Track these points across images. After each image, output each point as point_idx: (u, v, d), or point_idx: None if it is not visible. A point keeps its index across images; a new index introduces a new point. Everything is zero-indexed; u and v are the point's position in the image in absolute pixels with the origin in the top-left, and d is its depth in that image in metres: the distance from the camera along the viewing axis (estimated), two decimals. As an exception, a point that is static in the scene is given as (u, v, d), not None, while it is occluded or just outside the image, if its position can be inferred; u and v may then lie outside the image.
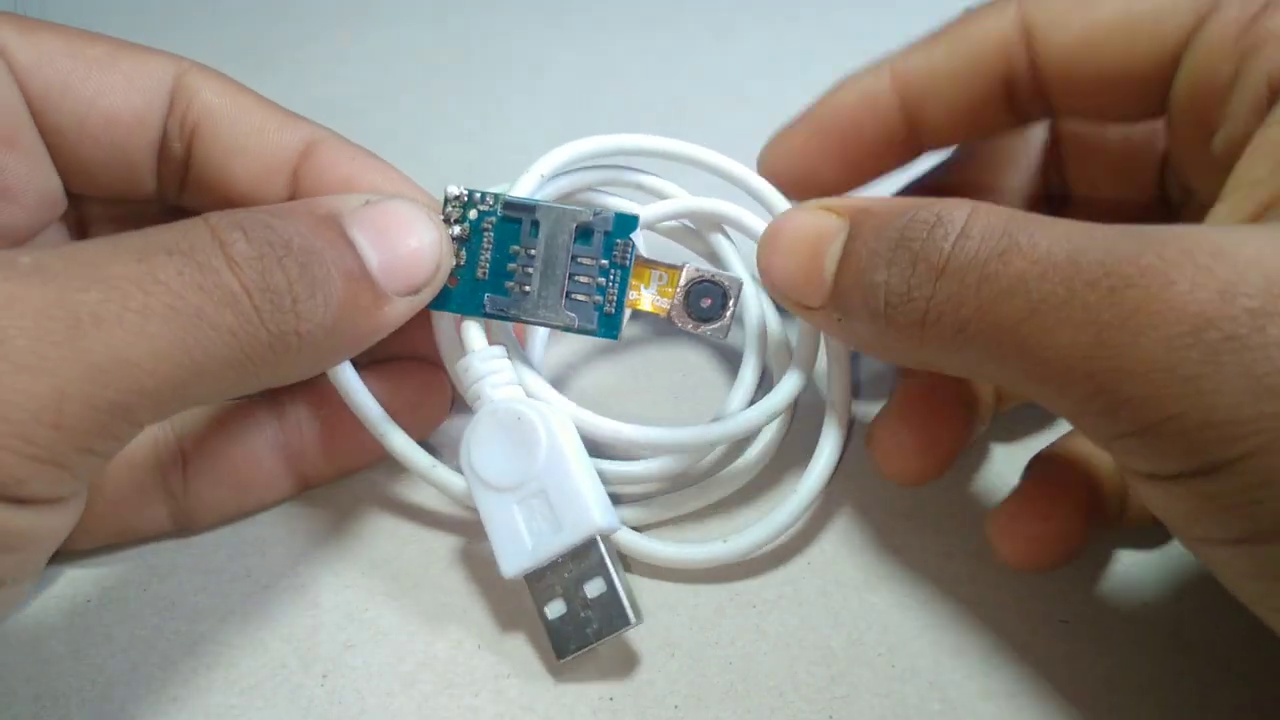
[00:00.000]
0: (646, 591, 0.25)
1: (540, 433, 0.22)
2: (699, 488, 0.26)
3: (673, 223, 0.27)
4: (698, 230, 0.27)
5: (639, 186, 0.27)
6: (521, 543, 0.22)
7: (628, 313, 0.23)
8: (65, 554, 0.25)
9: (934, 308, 0.19)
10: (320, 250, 0.20)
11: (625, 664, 0.23)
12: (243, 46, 0.48)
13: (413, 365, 0.27)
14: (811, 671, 0.23)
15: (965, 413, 0.25)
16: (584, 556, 0.22)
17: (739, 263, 0.27)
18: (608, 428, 0.24)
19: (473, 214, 0.23)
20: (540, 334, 0.28)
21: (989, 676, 0.23)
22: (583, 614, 0.22)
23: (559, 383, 0.30)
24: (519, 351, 0.24)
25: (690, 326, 0.23)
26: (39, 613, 0.24)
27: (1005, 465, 0.27)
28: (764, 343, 0.26)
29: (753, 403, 0.25)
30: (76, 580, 0.25)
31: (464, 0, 0.51)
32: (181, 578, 0.25)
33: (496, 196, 0.23)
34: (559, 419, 0.23)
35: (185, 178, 0.25)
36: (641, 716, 0.22)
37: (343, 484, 0.27)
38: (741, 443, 0.26)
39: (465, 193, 0.23)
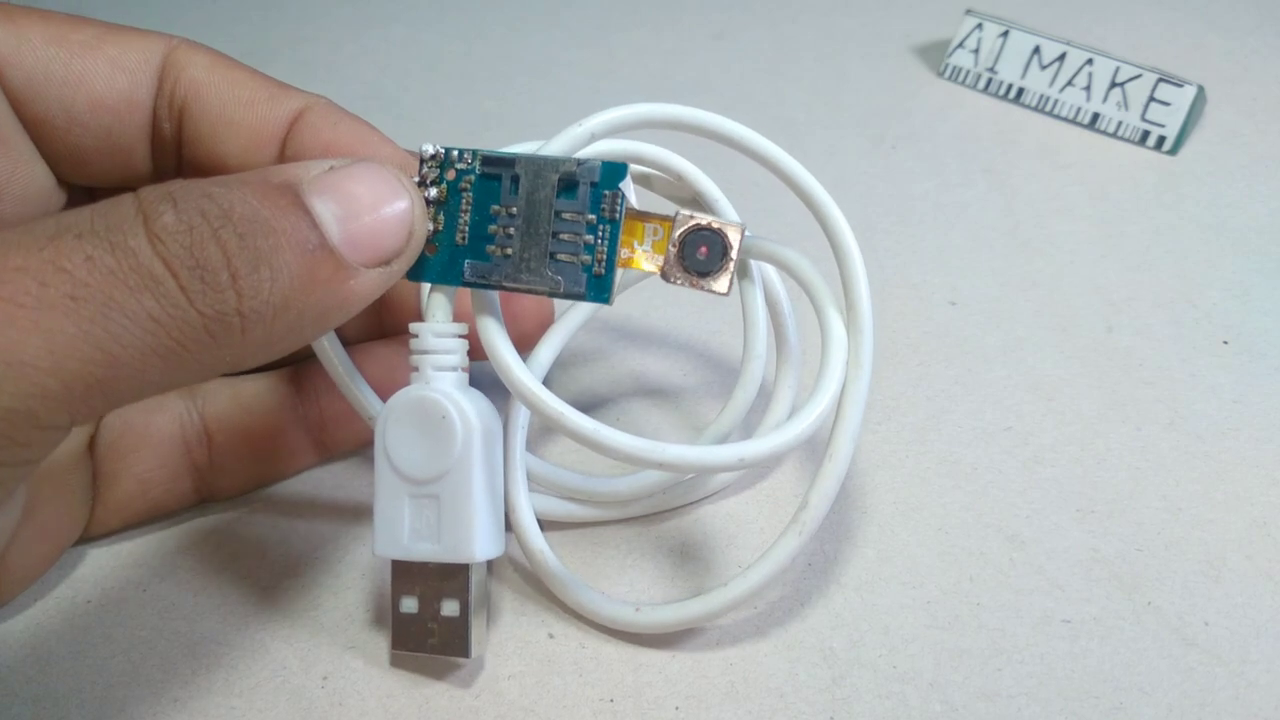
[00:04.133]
0: (645, 591, 0.25)
1: (456, 443, 0.21)
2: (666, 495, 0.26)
3: (658, 174, 0.25)
4: (686, 183, 0.25)
5: (679, 176, 0.25)
6: (400, 532, 0.21)
7: (620, 273, 0.21)
8: (95, 537, 0.25)
9: None
10: (267, 219, 0.18)
11: (625, 665, 0.23)
12: (243, 46, 0.48)
13: (392, 344, 0.27)
14: (812, 672, 0.23)
15: None
16: (451, 576, 0.22)
17: (733, 213, 0.25)
18: (588, 430, 0.21)
19: (450, 174, 0.21)
20: (563, 326, 0.27)
21: (989, 676, 0.23)
22: (429, 624, 0.22)
23: (563, 369, 0.30)
24: (498, 333, 0.22)
25: (687, 282, 0.21)
26: (39, 613, 0.24)
27: (1006, 463, 0.27)
28: (771, 342, 0.26)
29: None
30: (76, 581, 0.25)
31: (464, 0, 0.51)
32: (181, 578, 0.25)
33: (475, 153, 0.21)
34: (485, 433, 0.22)
35: (179, 158, 0.24)
36: (642, 717, 0.22)
37: (342, 484, 0.27)
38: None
39: (441, 151, 0.21)
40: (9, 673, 0.23)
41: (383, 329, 0.27)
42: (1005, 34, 0.42)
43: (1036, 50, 0.42)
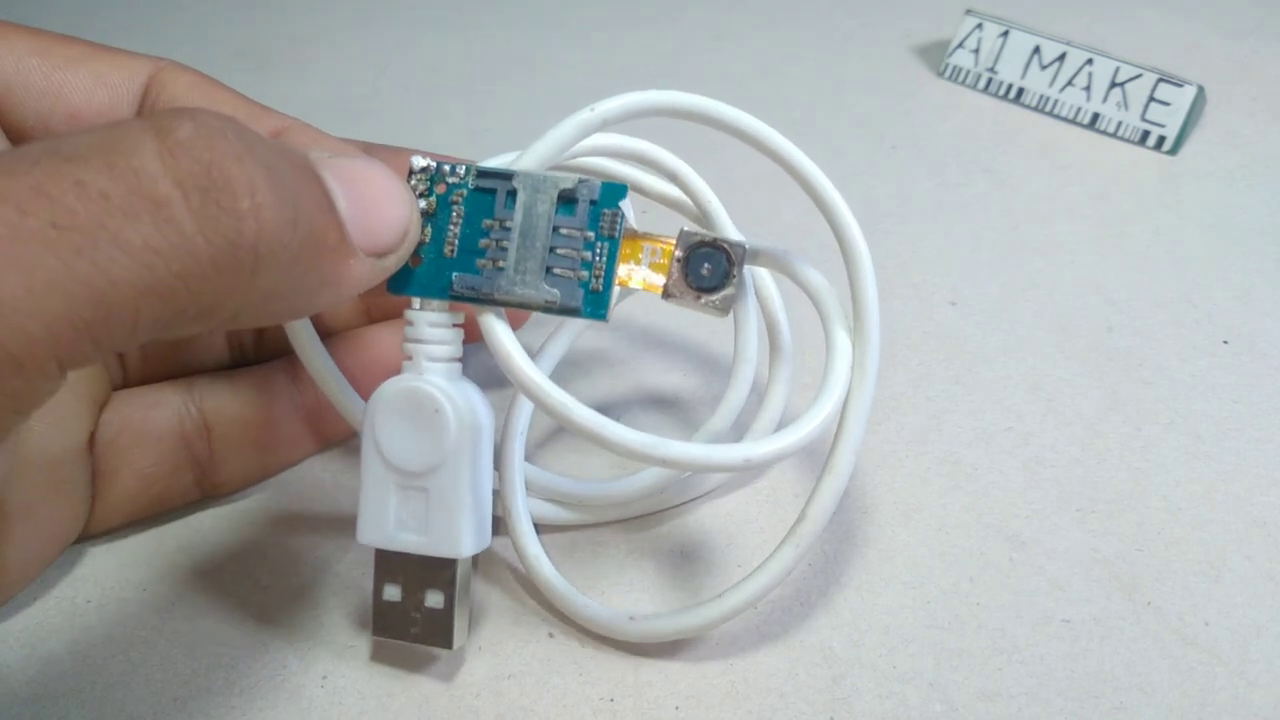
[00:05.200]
0: (644, 591, 0.25)
1: (449, 438, 0.21)
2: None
3: (663, 187, 0.26)
4: (688, 199, 0.26)
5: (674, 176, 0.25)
6: (385, 521, 0.21)
7: (616, 290, 0.21)
8: (98, 534, 0.25)
9: None
10: (287, 167, 0.17)
11: (625, 665, 0.23)
12: (243, 46, 0.48)
13: (378, 329, 0.27)
14: (812, 672, 0.23)
15: None
16: (437, 569, 0.21)
17: (729, 221, 0.25)
18: (592, 423, 0.21)
19: (440, 188, 0.21)
20: (568, 330, 0.27)
21: (989, 676, 0.23)
22: (412, 613, 0.22)
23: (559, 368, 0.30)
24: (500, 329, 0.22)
25: (690, 299, 0.21)
26: (39, 613, 0.24)
27: (1006, 463, 0.27)
28: (766, 341, 0.26)
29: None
30: (76, 580, 0.25)
31: (464, 0, 0.51)
32: (181, 577, 0.25)
33: (468, 168, 0.21)
34: (478, 427, 0.21)
35: None
36: (642, 717, 0.22)
37: (341, 484, 0.27)
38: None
39: (433, 165, 0.21)
40: (9, 673, 0.23)
41: (369, 315, 0.27)
42: (1005, 34, 0.42)
43: (1036, 50, 0.42)
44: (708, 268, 0.21)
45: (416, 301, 0.22)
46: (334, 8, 0.51)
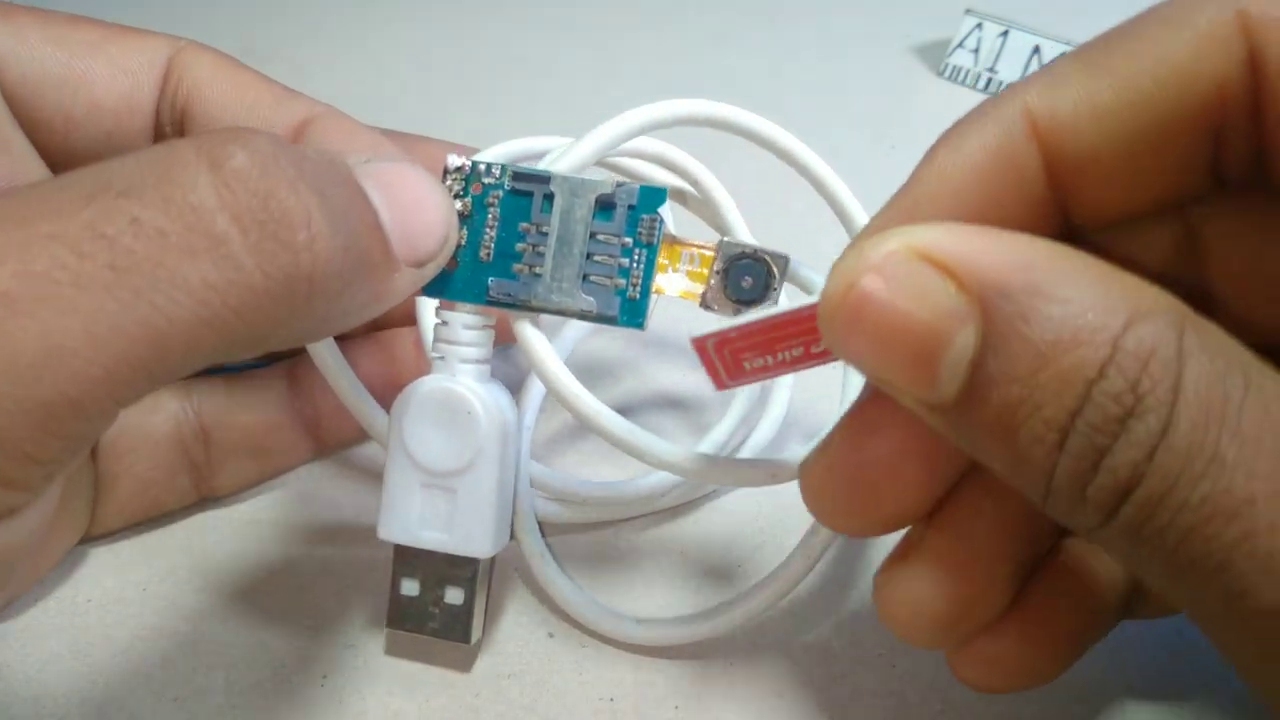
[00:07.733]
0: (644, 590, 0.25)
1: (478, 440, 0.21)
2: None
3: (691, 190, 0.26)
4: (703, 189, 0.26)
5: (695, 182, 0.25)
6: (409, 518, 0.21)
7: (654, 298, 0.21)
8: (96, 537, 0.25)
9: (1114, 530, 0.14)
10: (335, 186, 0.17)
11: (625, 664, 0.23)
12: (243, 46, 0.48)
13: (388, 335, 0.27)
14: (812, 672, 0.23)
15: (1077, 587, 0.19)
16: (459, 566, 0.21)
17: (746, 232, 0.25)
18: (621, 430, 0.21)
19: (476, 188, 0.21)
20: (576, 326, 0.27)
21: (990, 677, 0.23)
22: (431, 608, 0.22)
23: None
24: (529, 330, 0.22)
25: (729, 311, 0.21)
26: (39, 613, 0.24)
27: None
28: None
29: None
30: (76, 580, 0.25)
31: (464, 0, 0.51)
32: (181, 577, 0.25)
33: (504, 168, 0.21)
34: (506, 429, 0.21)
35: None
36: (642, 717, 0.22)
37: (341, 482, 0.27)
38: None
39: (468, 164, 0.21)
40: (9, 673, 0.23)
41: (374, 321, 0.27)
42: (1005, 34, 0.42)
43: (1036, 50, 0.42)
44: (748, 280, 0.21)
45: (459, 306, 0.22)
46: (334, 8, 0.51)
